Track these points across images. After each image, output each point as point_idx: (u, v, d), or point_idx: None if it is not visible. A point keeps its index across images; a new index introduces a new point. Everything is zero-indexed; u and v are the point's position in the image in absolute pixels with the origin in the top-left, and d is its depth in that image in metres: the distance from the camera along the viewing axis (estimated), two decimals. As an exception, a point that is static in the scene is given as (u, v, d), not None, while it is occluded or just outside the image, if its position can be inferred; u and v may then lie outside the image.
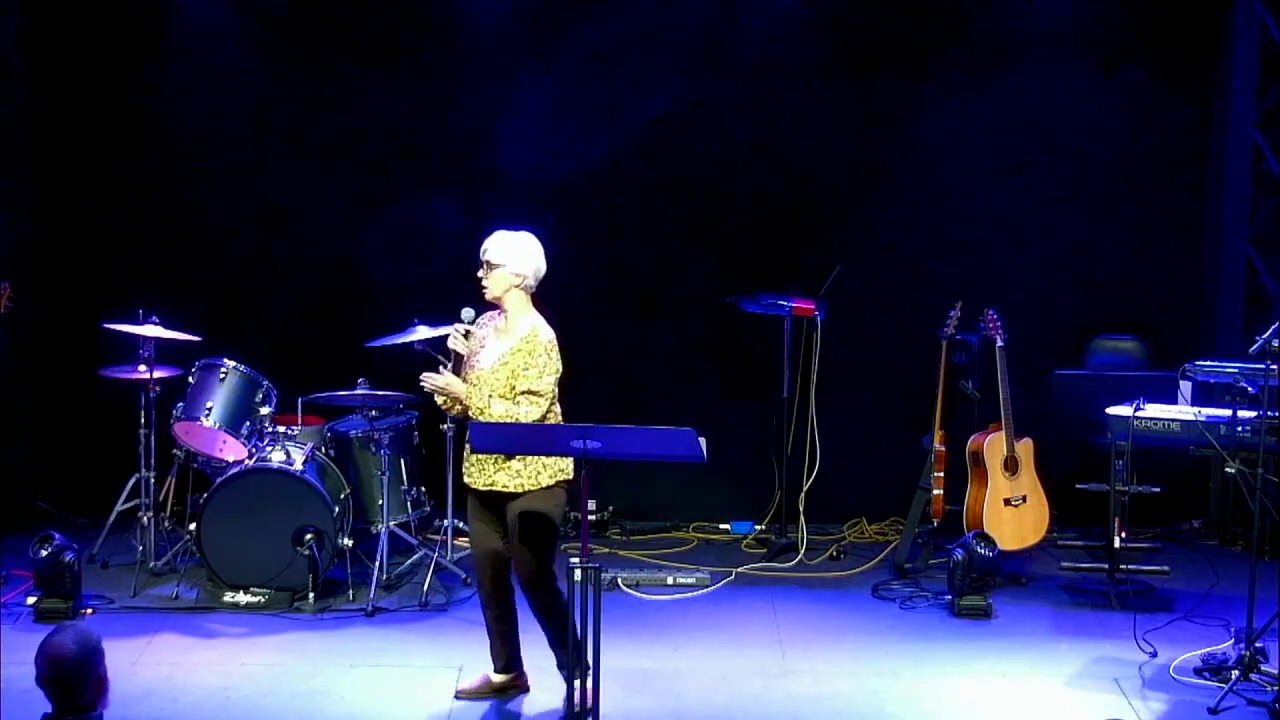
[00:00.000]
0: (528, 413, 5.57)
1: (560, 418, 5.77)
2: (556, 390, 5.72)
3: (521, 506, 5.65)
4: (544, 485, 5.67)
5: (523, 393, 5.61)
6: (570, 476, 5.73)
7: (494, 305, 5.80)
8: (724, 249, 8.48)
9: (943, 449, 7.57)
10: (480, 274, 5.76)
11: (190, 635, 6.66)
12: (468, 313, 5.79)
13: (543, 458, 5.64)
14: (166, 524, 7.61)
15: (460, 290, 8.21)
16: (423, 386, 5.73)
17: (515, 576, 5.81)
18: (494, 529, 5.77)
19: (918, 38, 8.38)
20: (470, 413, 5.66)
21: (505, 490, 5.67)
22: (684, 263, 8.51)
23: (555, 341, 5.73)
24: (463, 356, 5.75)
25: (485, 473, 5.69)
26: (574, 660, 5.39)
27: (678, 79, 8.36)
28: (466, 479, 5.77)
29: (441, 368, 5.77)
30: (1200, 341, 8.41)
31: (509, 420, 5.53)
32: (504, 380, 5.63)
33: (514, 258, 5.72)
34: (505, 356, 5.67)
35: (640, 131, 8.35)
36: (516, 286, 5.73)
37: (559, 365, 5.70)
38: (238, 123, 8.42)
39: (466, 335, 5.76)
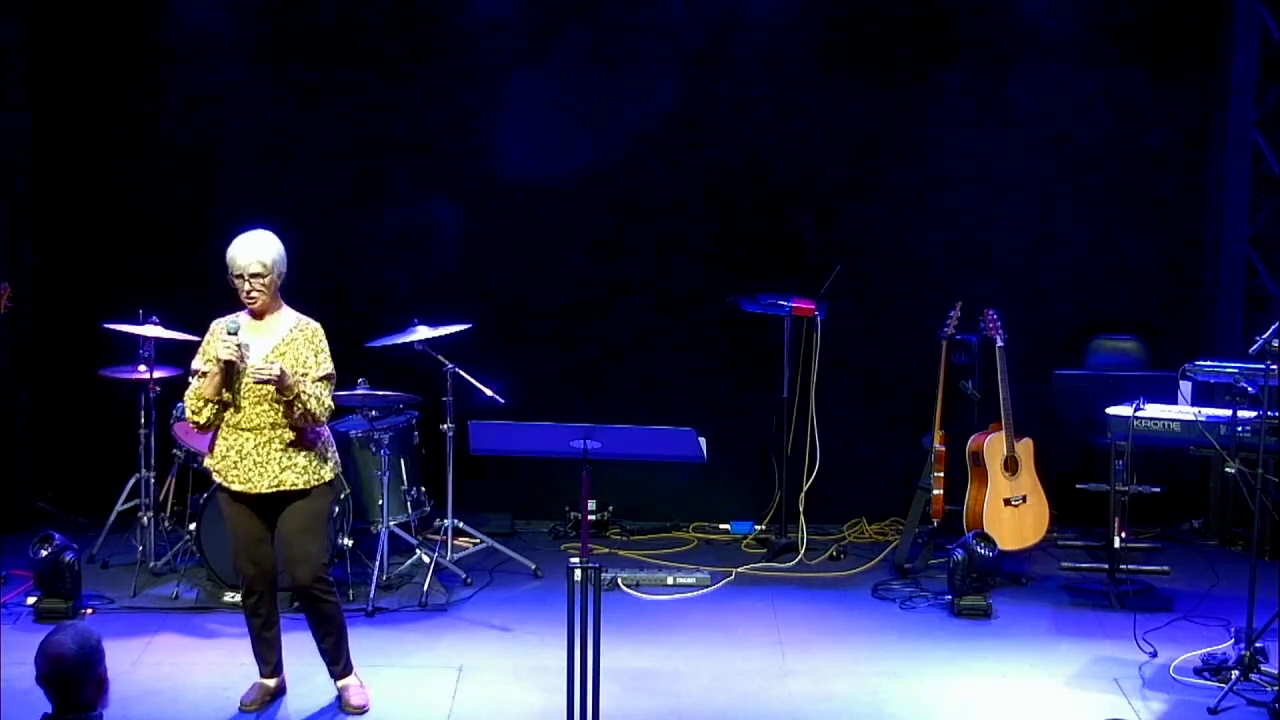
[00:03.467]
0: (327, 398, 5.70)
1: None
2: None
3: (307, 505, 5.69)
4: (326, 480, 5.73)
5: (322, 379, 5.68)
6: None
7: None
8: (724, 249, 8.48)
9: (943, 449, 7.57)
10: (255, 286, 5.67)
11: (190, 635, 6.66)
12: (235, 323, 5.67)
13: (323, 450, 5.71)
14: (166, 524, 7.60)
15: (460, 290, 8.29)
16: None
17: (292, 581, 5.75)
18: (266, 532, 5.73)
19: (918, 38, 8.38)
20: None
21: (294, 489, 5.67)
22: (684, 263, 8.51)
23: None
24: (234, 364, 5.62)
25: (269, 473, 5.63)
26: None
27: (678, 79, 8.36)
28: (238, 484, 5.64)
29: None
30: (1200, 341, 8.40)
31: (317, 403, 5.59)
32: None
33: (280, 260, 5.76)
34: (280, 348, 5.67)
35: (640, 131, 8.35)
36: (277, 286, 5.77)
37: None
38: (237, 123, 8.42)
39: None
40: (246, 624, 5.89)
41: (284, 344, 5.70)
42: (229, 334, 5.61)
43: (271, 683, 5.92)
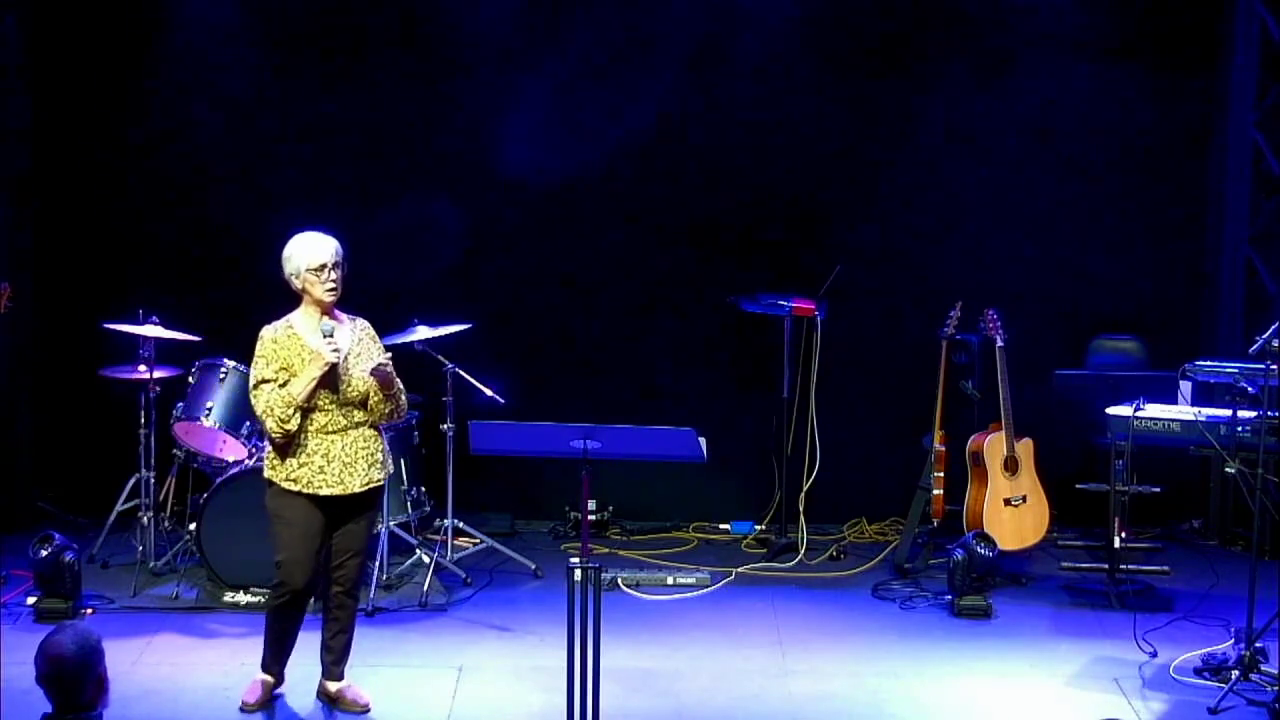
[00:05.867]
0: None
1: None
2: None
3: (376, 507, 5.87)
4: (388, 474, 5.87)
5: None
6: None
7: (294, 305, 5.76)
8: (724, 249, 8.48)
9: (943, 449, 7.58)
10: (334, 278, 5.68)
11: (190, 635, 6.66)
12: (330, 325, 5.69)
13: (384, 445, 5.79)
14: (166, 524, 7.60)
15: (460, 290, 8.29)
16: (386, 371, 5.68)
17: (344, 578, 5.78)
18: (325, 538, 5.72)
19: (918, 38, 8.38)
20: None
21: (379, 485, 5.76)
22: (684, 263, 8.51)
23: None
24: (335, 366, 5.63)
25: (359, 473, 5.66)
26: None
27: (678, 78, 8.36)
28: (328, 489, 5.60)
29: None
30: (1200, 341, 8.40)
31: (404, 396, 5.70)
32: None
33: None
34: (356, 348, 5.69)
35: (640, 131, 8.34)
36: None
37: None
38: (237, 123, 8.41)
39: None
40: (276, 623, 5.80)
41: (356, 342, 5.70)
42: (327, 336, 5.60)
43: (273, 681, 5.92)
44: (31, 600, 6.76)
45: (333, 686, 5.90)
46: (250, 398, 5.66)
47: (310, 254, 5.67)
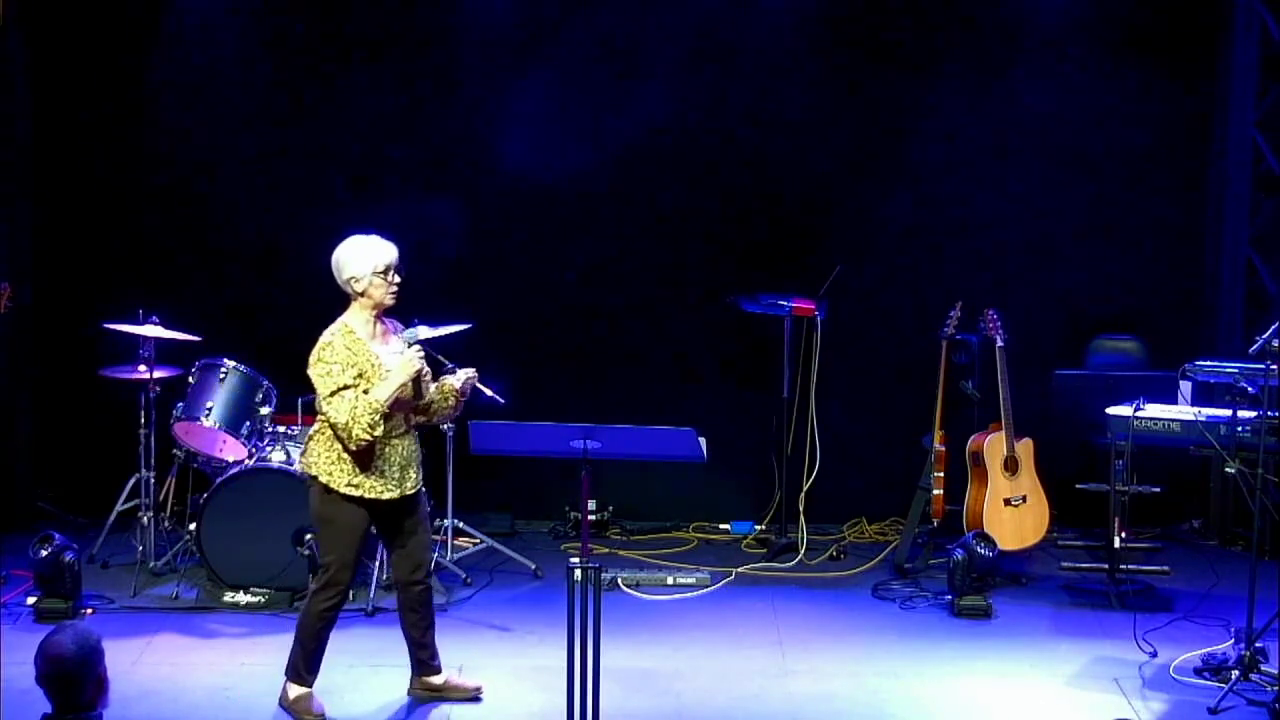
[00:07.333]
0: None
1: None
2: None
3: (422, 501, 5.85)
4: None
5: None
6: None
7: (378, 312, 5.72)
8: (724, 249, 8.49)
9: (943, 449, 7.58)
10: (396, 280, 5.66)
11: (190, 635, 6.66)
12: (415, 332, 5.72)
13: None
14: (166, 524, 7.61)
15: (460, 290, 8.29)
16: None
17: (420, 575, 5.84)
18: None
19: (918, 38, 8.38)
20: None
21: (420, 488, 5.80)
22: (684, 263, 8.51)
23: None
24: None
25: (415, 473, 5.73)
26: None
27: (677, 79, 8.36)
28: (390, 492, 5.63)
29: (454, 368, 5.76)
30: (1200, 341, 8.40)
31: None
32: None
33: None
34: (408, 350, 5.68)
35: (640, 131, 8.34)
36: None
37: None
38: (238, 123, 8.42)
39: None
40: (324, 628, 5.78)
41: (409, 345, 5.70)
42: (414, 343, 5.60)
43: (438, 680, 5.99)
44: (31, 600, 6.77)
45: (438, 680, 5.95)
46: (324, 406, 5.52)
47: (375, 257, 5.63)
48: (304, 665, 5.78)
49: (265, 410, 7.25)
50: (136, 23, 8.30)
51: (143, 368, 7.29)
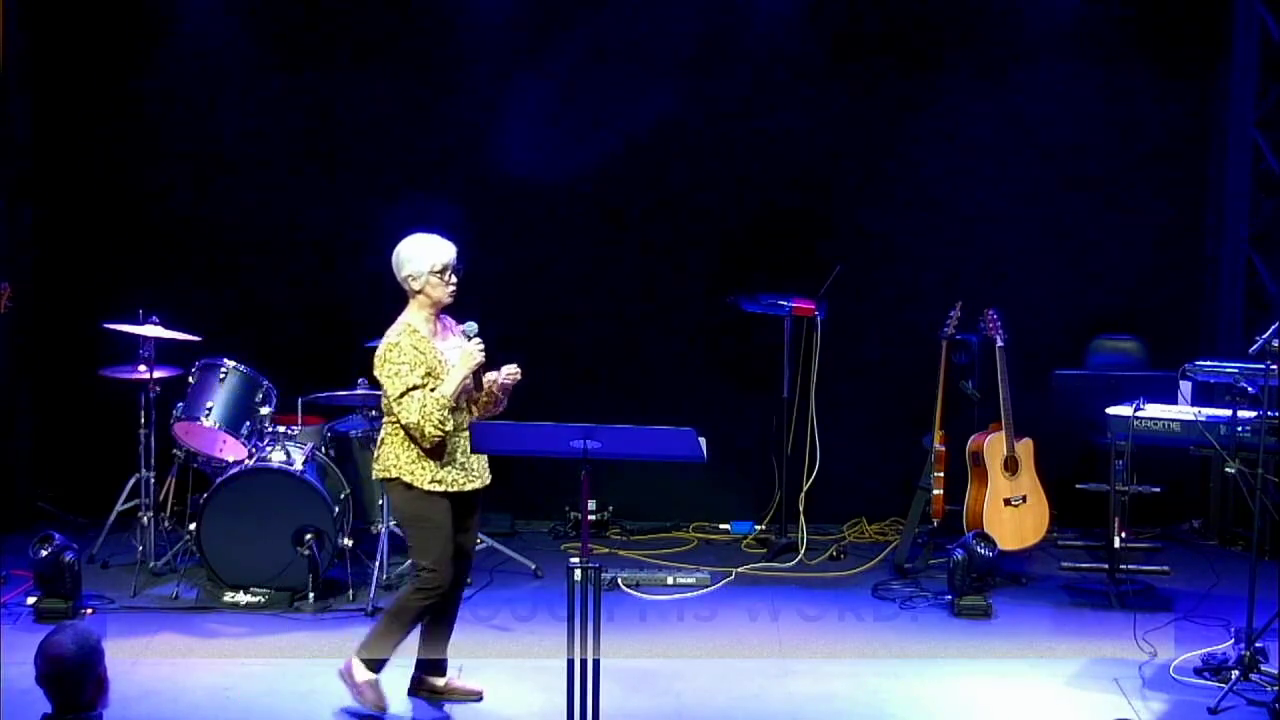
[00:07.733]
0: None
1: None
2: None
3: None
4: None
5: None
6: None
7: (434, 309, 5.71)
8: (724, 249, 8.49)
9: (943, 449, 7.57)
10: (455, 279, 5.67)
11: (190, 635, 6.66)
12: (474, 326, 5.72)
13: None
14: (166, 524, 7.60)
15: (460, 289, 8.27)
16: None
17: (461, 574, 5.88)
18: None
19: (918, 38, 8.39)
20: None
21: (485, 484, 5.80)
22: (684, 263, 8.51)
23: None
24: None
25: (482, 464, 5.72)
26: None
27: (677, 78, 8.36)
28: (468, 484, 5.66)
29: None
30: (1200, 341, 8.41)
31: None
32: None
33: None
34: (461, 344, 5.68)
35: (640, 131, 8.34)
36: None
37: None
38: (238, 122, 8.42)
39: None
40: (420, 625, 5.80)
41: (469, 338, 5.69)
42: (474, 336, 5.60)
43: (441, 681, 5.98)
44: (31, 600, 6.76)
45: (440, 681, 5.95)
46: (394, 407, 5.52)
47: (435, 255, 5.63)
48: (382, 651, 5.75)
49: (265, 410, 7.25)
50: (137, 23, 8.30)
51: (143, 368, 7.29)
